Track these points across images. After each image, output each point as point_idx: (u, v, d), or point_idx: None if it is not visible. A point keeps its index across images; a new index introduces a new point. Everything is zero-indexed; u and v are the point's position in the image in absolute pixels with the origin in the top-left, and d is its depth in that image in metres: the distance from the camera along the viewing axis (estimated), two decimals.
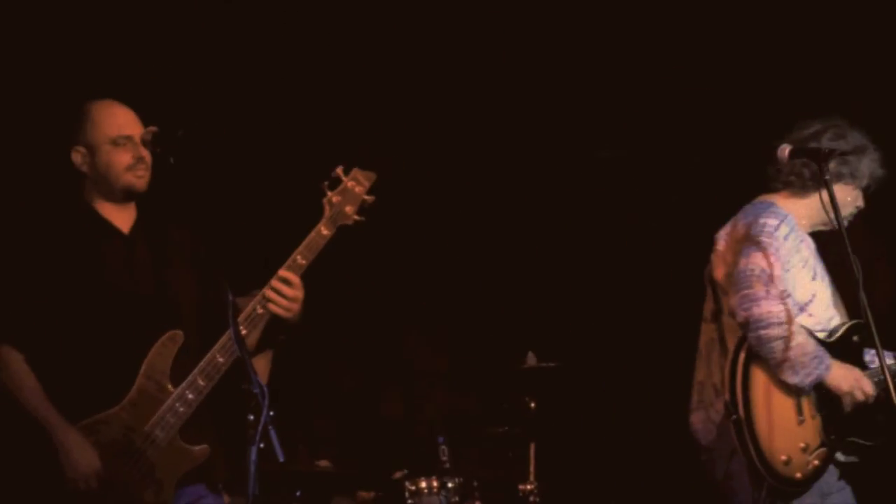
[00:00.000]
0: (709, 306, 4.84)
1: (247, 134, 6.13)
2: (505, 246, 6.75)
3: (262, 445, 3.57)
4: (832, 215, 4.43)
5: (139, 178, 4.14)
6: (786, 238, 4.61)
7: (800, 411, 4.63)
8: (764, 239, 4.57)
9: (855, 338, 4.72)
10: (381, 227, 4.42)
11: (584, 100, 6.58)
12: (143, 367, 4.03)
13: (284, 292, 4.05)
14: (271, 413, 3.59)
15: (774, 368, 4.57)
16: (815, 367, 4.55)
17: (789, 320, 4.50)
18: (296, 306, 4.09)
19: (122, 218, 4.20)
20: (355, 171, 4.15)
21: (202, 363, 4.02)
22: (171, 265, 4.19)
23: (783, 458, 4.56)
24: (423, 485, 5.69)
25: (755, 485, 4.57)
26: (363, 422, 6.51)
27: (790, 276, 4.60)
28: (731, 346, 4.68)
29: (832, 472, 4.64)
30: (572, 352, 6.22)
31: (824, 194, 4.45)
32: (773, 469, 4.54)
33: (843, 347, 4.71)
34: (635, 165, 6.70)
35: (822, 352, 4.57)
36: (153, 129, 4.09)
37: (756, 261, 4.55)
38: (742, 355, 4.60)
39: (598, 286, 6.67)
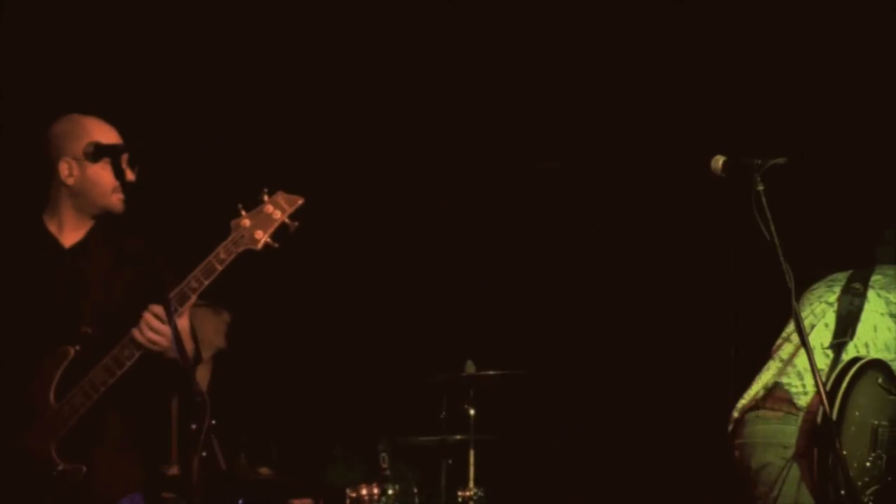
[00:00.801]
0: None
1: (199, 146, 6.13)
2: (444, 255, 6.78)
3: (204, 454, 3.58)
4: None
5: (120, 202, 4.11)
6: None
7: (873, 446, 4.69)
8: None
9: None
10: (319, 238, 4.42)
11: (529, 112, 6.63)
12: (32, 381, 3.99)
13: (153, 325, 3.95)
14: (213, 422, 3.60)
15: None
16: None
17: None
18: (163, 341, 3.94)
19: (72, 233, 4.17)
20: (278, 195, 4.02)
21: (83, 381, 3.96)
22: (112, 278, 4.17)
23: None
24: (364, 492, 5.73)
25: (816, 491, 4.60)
26: (303, 429, 6.52)
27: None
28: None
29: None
30: (510, 360, 6.28)
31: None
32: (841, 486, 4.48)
33: None
34: (579, 176, 6.75)
35: None
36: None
37: None
38: (852, 371, 4.68)
39: (535, 295, 6.71)
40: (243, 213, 4.00)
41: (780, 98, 6.31)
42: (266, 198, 4.02)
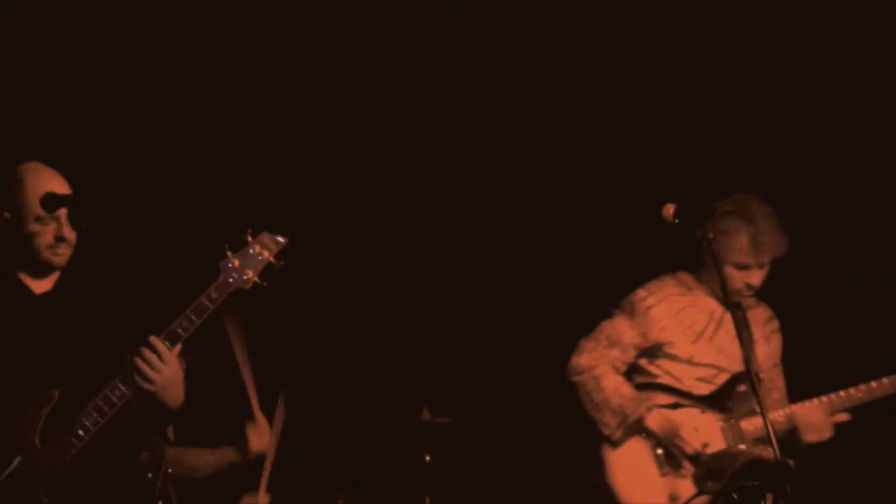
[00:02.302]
0: None
1: (163, 190, 6.13)
2: (399, 302, 6.79)
3: (160, 503, 3.58)
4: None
5: (58, 257, 4.11)
6: (651, 307, 5.08)
7: (660, 464, 4.86)
8: (623, 305, 5.11)
9: (741, 388, 4.93)
10: (278, 286, 4.43)
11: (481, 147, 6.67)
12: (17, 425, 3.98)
13: (149, 360, 3.96)
14: (169, 471, 3.60)
15: (591, 415, 4.96)
16: (633, 410, 4.83)
17: (604, 372, 5.03)
18: (158, 378, 3.97)
19: (41, 281, 4.16)
20: (263, 235, 4.09)
21: (73, 424, 3.96)
22: (83, 324, 4.15)
23: None
24: None
25: None
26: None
27: (664, 335, 5.03)
28: None
29: None
30: (466, 407, 6.28)
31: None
32: None
33: (724, 396, 4.91)
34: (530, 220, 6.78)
35: (639, 398, 4.97)
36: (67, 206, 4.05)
37: (607, 321, 5.12)
38: None
39: (492, 343, 6.72)
40: (230, 253, 4.04)
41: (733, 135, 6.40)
42: (251, 238, 4.05)
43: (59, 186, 4.10)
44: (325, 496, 6.18)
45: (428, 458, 6.02)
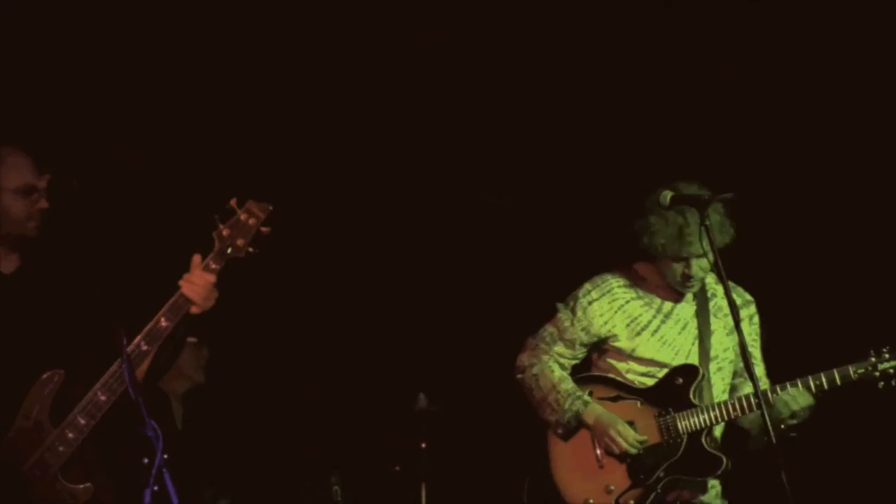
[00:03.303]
0: None
1: (142, 167, 6.14)
2: (397, 289, 6.81)
3: (156, 488, 3.58)
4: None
5: (33, 229, 4.14)
6: (593, 301, 5.14)
7: (598, 457, 4.90)
8: (568, 300, 5.20)
9: (679, 380, 4.96)
10: (271, 266, 4.44)
11: (471, 145, 6.68)
12: (22, 407, 4.02)
13: (193, 279, 4.03)
14: (165, 456, 3.60)
15: (535, 411, 5.08)
16: (570, 405, 4.98)
17: (543, 369, 5.10)
18: (200, 296, 4.04)
19: (6, 260, 4.19)
20: (250, 203, 4.08)
21: (83, 402, 4.01)
22: (57, 305, 4.17)
23: (581, 501, 4.98)
24: None
25: None
26: (261, 462, 6.51)
27: (606, 329, 5.09)
28: None
29: None
30: (463, 394, 6.31)
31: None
32: None
33: (663, 391, 5.03)
34: (520, 212, 6.79)
35: (574, 393, 5.04)
36: (49, 177, 4.10)
37: (553, 318, 5.20)
38: None
39: (487, 331, 6.74)
40: (220, 224, 4.05)
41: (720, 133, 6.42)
42: (237, 207, 4.07)
43: (29, 165, 4.14)
44: (321, 486, 6.20)
45: (424, 445, 6.04)
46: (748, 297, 5.18)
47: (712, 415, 4.93)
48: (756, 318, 5.16)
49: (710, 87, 6.44)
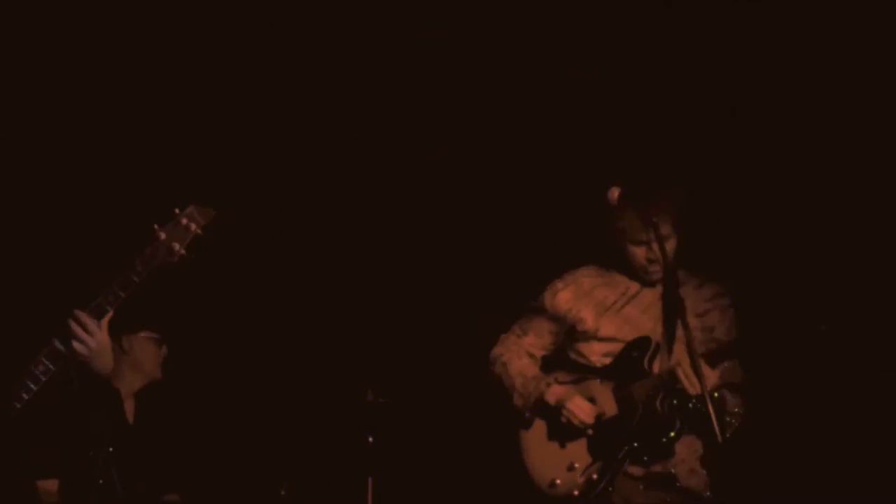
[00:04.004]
0: None
1: (84, 166, 6.09)
2: (344, 283, 6.79)
3: (101, 481, 3.56)
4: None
5: None
6: (558, 291, 5.29)
7: (561, 436, 5.01)
8: (539, 294, 5.34)
9: (634, 353, 5.05)
10: (221, 263, 4.42)
11: (430, 138, 6.67)
12: None
13: (75, 333, 3.96)
14: (111, 449, 3.58)
15: (507, 401, 5.24)
16: (534, 389, 5.10)
17: (512, 358, 5.25)
18: (86, 350, 3.97)
19: None
20: (191, 208, 4.06)
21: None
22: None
23: (547, 482, 5.09)
24: None
25: None
26: (210, 456, 6.47)
27: (572, 314, 5.23)
28: None
29: (629, 481, 5.07)
30: (410, 388, 6.30)
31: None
32: (548, 495, 5.08)
33: (620, 366, 5.16)
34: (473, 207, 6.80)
35: (538, 378, 5.17)
36: None
37: (524, 313, 5.38)
38: None
39: (436, 324, 6.74)
40: (157, 226, 4.01)
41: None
42: (178, 210, 4.04)
43: None
44: (268, 480, 6.18)
45: (371, 440, 6.03)
46: (722, 288, 5.29)
47: (665, 379, 4.98)
48: (730, 310, 5.27)
49: (682, 80, 6.46)
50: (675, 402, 5.03)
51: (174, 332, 6.01)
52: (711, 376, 4.85)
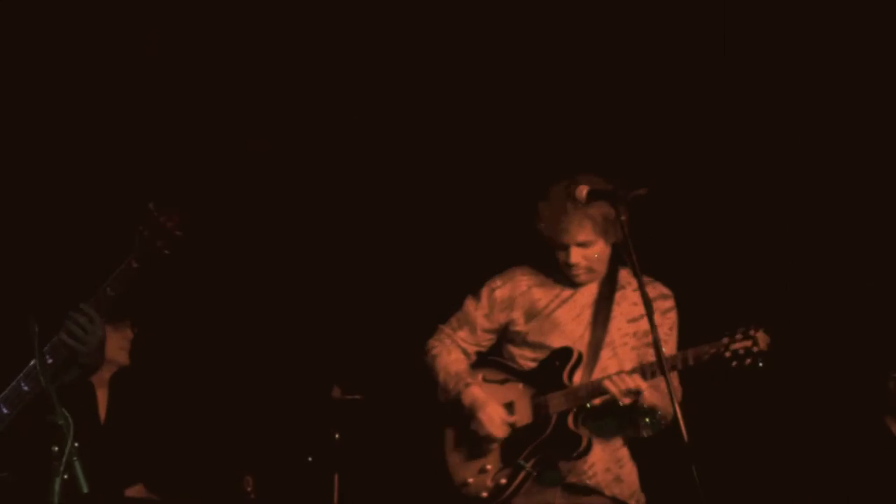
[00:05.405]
0: None
1: (68, 163, 6.09)
2: (311, 280, 6.80)
3: (66, 477, 3.55)
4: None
5: None
6: (496, 289, 5.28)
7: (474, 439, 5.03)
8: (478, 289, 5.34)
9: (556, 363, 5.06)
10: (189, 260, 4.44)
11: (380, 139, 6.70)
12: None
13: (82, 324, 4.03)
14: (76, 444, 3.58)
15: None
16: (454, 386, 5.14)
17: (441, 351, 5.27)
18: (91, 340, 4.06)
19: None
20: (166, 207, 4.17)
21: (6, 391, 4.00)
22: None
23: (460, 482, 5.11)
24: None
25: None
26: (175, 449, 6.47)
27: (506, 314, 5.23)
28: None
29: (534, 484, 5.06)
30: (376, 385, 6.31)
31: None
32: (459, 493, 5.09)
33: (542, 374, 5.13)
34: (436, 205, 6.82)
35: (460, 376, 5.17)
36: None
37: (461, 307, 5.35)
38: None
39: (402, 321, 6.75)
40: (139, 225, 4.11)
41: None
42: (154, 209, 4.14)
43: None
44: (234, 474, 6.18)
45: (337, 436, 6.04)
46: (665, 291, 5.23)
47: (581, 394, 4.99)
48: (672, 314, 5.21)
49: (623, 78, 6.52)
50: (586, 418, 5.02)
51: (143, 327, 6.00)
52: (640, 384, 4.85)
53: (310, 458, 6.23)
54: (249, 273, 6.75)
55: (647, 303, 4.51)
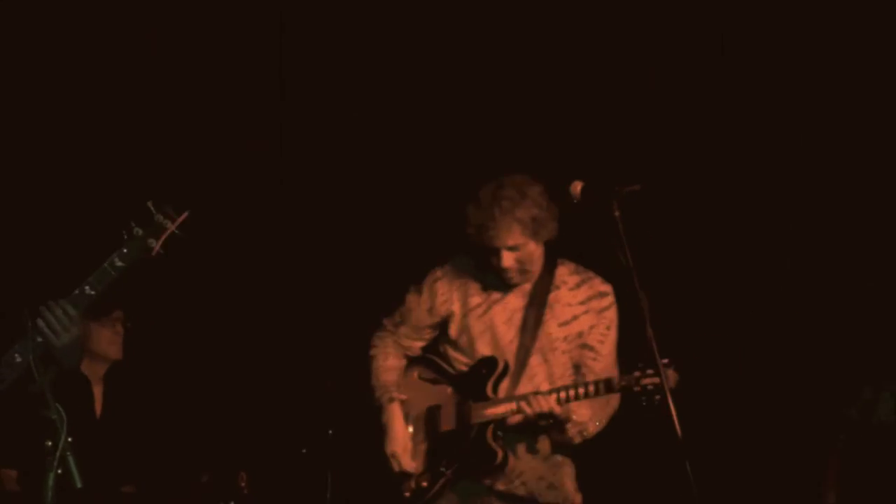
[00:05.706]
0: None
1: (63, 158, 6.09)
2: (305, 275, 6.80)
3: (59, 471, 3.56)
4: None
5: None
6: (437, 279, 5.20)
7: (414, 439, 5.02)
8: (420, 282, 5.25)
9: (483, 371, 5.01)
10: (181, 257, 4.44)
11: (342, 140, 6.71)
12: None
13: (57, 316, 4.04)
14: (69, 439, 3.58)
15: None
16: (379, 397, 5.16)
17: (378, 354, 5.26)
18: (64, 336, 4.06)
19: None
20: (166, 207, 4.19)
21: None
22: None
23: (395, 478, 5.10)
24: None
25: None
26: (167, 448, 6.47)
27: (445, 307, 5.15)
28: None
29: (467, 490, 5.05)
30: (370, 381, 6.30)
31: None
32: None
33: (469, 381, 5.08)
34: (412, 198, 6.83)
35: (386, 388, 5.18)
36: None
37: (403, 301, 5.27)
38: None
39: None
40: (133, 224, 4.12)
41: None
42: (154, 209, 4.15)
43: None
44: (228, 470, 6.18)
45: (331, 432, 6.04)
46: (602, 288, 5.11)
47: (502, 409, 4.95)
48: (608, 312, 5.09)
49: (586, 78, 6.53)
50: (507, 431, 4.97)
51: (137, 322, 6.00)
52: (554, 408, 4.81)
53: (304, 451, 6.22)
54: (243, 269, 6.75)
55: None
